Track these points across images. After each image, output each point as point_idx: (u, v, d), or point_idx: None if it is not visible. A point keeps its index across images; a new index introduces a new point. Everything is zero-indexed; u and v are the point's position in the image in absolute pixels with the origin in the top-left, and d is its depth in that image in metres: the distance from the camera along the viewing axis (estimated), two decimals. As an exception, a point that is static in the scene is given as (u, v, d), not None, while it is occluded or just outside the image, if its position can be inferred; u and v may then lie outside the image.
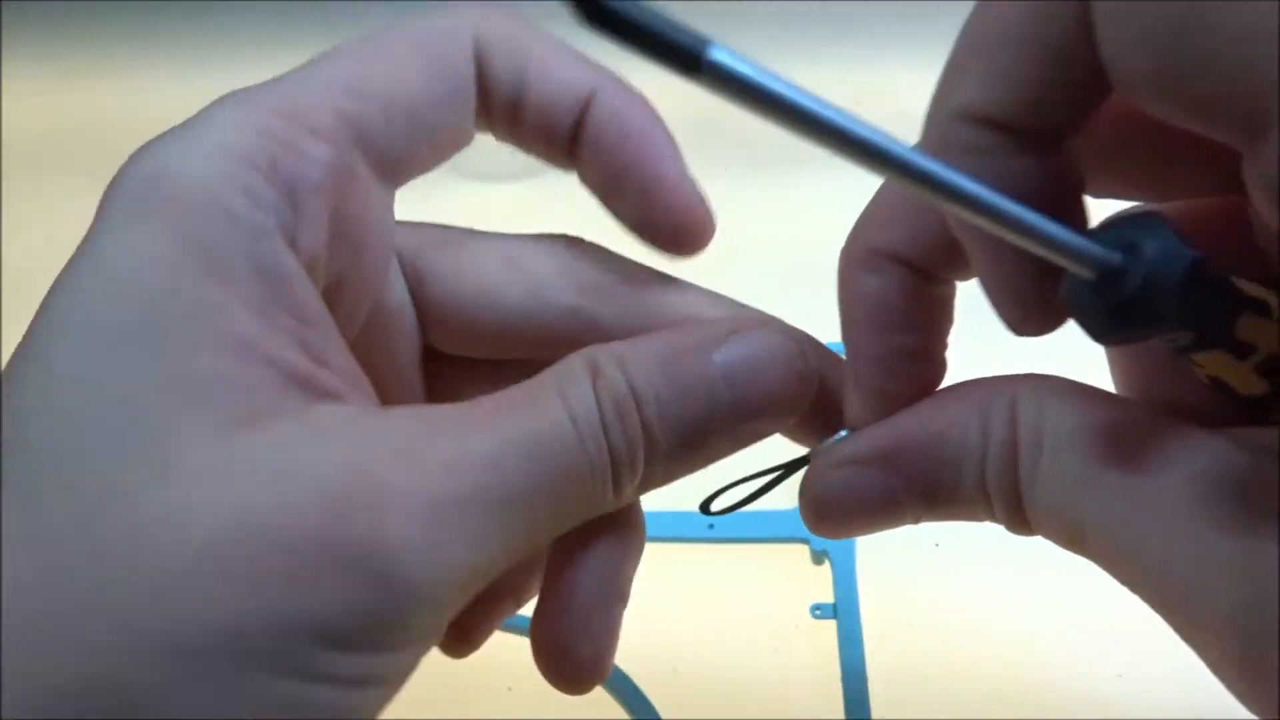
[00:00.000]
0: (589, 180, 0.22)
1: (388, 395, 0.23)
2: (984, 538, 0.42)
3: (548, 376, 0.20)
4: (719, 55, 0.13)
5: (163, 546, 0.15)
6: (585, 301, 0.23)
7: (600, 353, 0.20)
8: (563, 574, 0.22)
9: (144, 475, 0.16)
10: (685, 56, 0.13)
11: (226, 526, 0.16)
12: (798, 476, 0.23)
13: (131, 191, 0.18)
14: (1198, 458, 0.17)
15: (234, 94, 0.19)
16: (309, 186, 0.19)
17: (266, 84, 0.20)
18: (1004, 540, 0.41)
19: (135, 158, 0.18)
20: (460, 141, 0.22)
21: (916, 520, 0.21)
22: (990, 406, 0.19)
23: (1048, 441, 0.18)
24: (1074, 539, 0.19)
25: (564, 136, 0.22)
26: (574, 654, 0.22)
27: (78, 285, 0.17)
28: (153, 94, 0.63)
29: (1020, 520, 0.20)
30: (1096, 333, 0.17)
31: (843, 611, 0.39)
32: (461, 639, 0.25)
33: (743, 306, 0.24)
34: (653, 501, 0.42)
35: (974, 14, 0.18)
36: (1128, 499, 0.17)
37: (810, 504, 0.21)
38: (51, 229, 0.56)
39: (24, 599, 0.15)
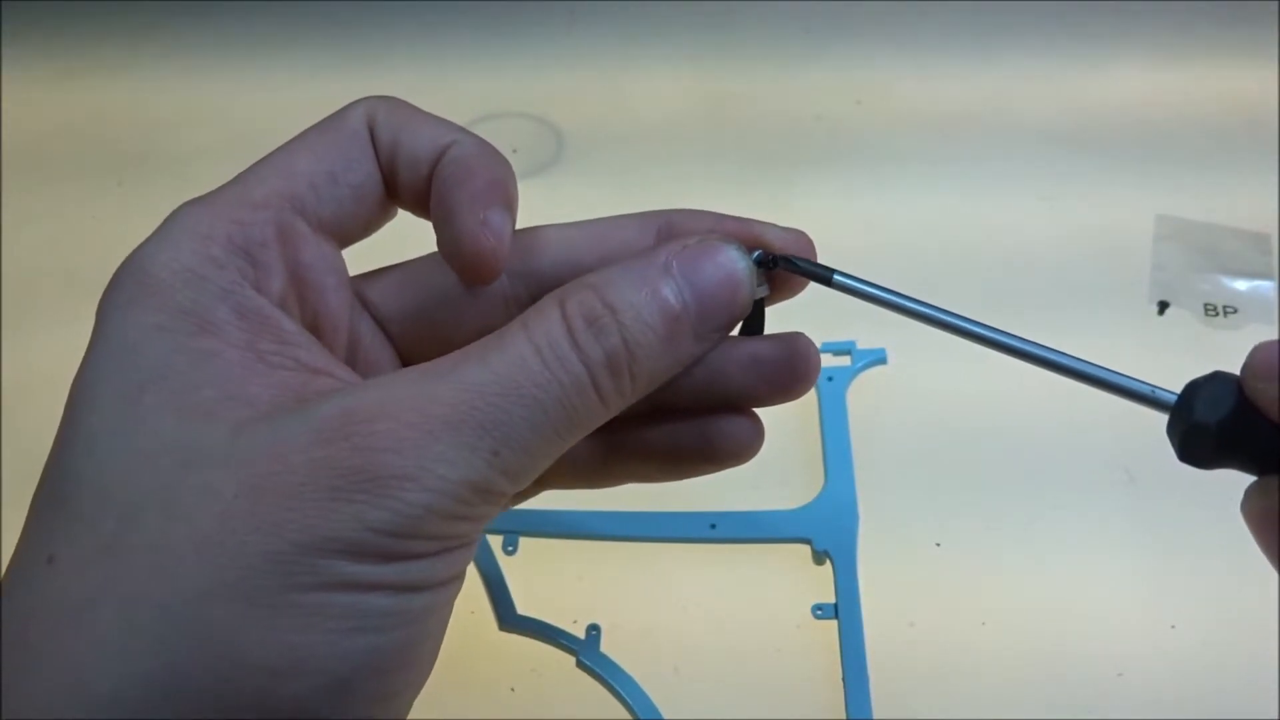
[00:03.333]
0: (431, 215, 0.25)
1: None
2: (984, 538, 0.43)
3: (518, 318, 0.22)
4: (839, 277, 0.25)
5: (193, 523, 0.19)
6: (517, 268, 0.26)
7: (569, 286, 0.23)
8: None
9: (170, 477, 0.20)
10: (823, 276, 0.25)
11: (241, 496, 0.19)
12: None
13: (122, 286, 0.22)
14: None
15: (188, 201, 0.23)
16: (259, 245, 0.23)
17: (215, 190, 0.24)
18: (1004, 540, 0.42)
19: (122, 263, 0.22)
20: (379, 200, 0.25)
21: None
22: None
23: None
24: None
25: (425, 184, 0.25)
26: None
27: (97, 362, 0.21)
28: (153, 94, 0.63)
29: None
30: (1180, 455, 0.22)
31: (844, 611, 0.39)
32: None
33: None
34: (653, 502, 0.42)
35: None
36: None
37: None
38: (51, 229, 0.57)
39: (95, 604, 0.19)
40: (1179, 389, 0.22)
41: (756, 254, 0.25)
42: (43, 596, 0.19)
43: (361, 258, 0.27)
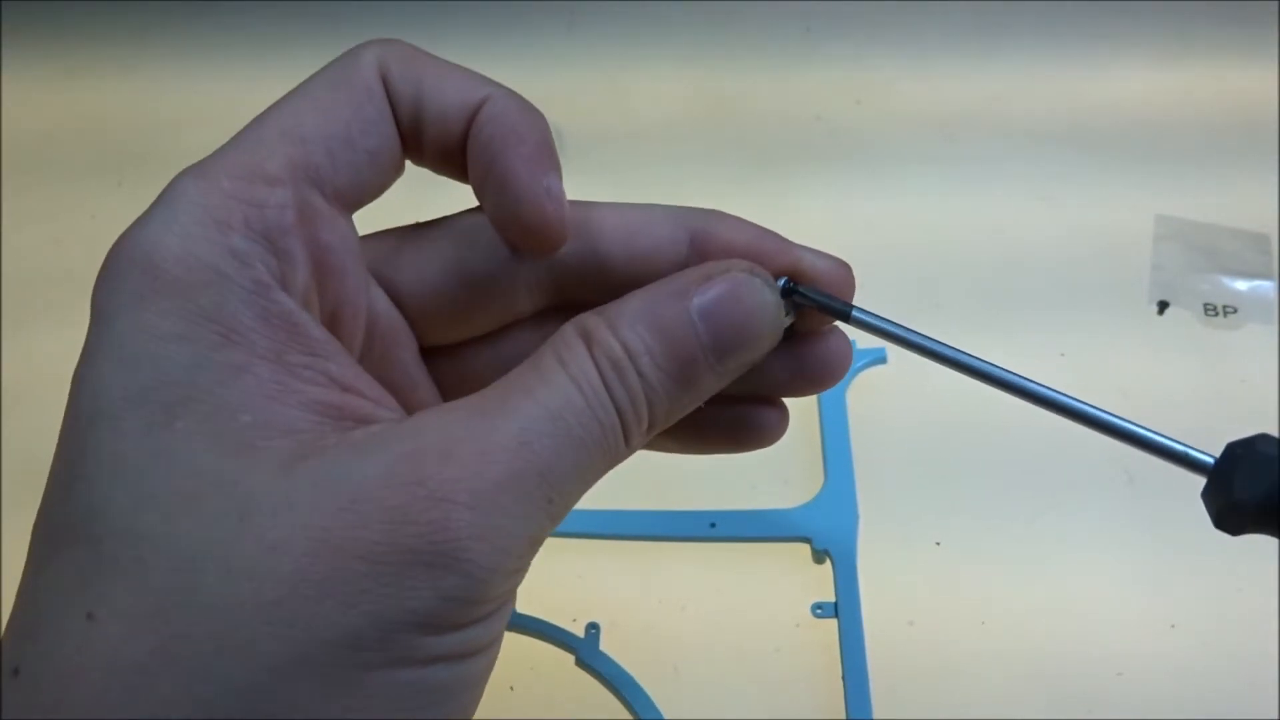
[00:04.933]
0: (471, 179, 0.23)
1: (406, 400, 0.24)
2: (984, 538, 0.43)
3: (547, 351, 0.21)
4: (857, 314, 0.23)
5: (259, 584, 0.18)
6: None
7: (589, 319, 0.22)
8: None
9: (226, 527, 0.18)
10: (842, 313, 0.24)
11: (311, 554, 0.18)
12: None
13: (128, 277, 0.19)
14: None
15: (190, 168, 0.21)
16: (282, 231, 0.21)
17: (217, 152, 0.21)
18: (1004, 540, 0.42)
19: (119, 245, 0.20)
20: (395, 164, 0.23)
21: None
22: None
23: None
24: None
25: (456, 142, 0.23)
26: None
27: (108, 372, 0.19)
28: (153, 94, 0.63)
29: None
30: (1216, 524, 0.21)
31: (844, 610, 0.39)
32: None
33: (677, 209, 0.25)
34: (653, 501, 0.42)
35: None
36: None
37: None
38: (51, 229, 0.57)
39: (151, 674, 0.17)
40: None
41: (783, 281, 0.24)
42: (85, 658, 0.18)
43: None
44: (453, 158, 0.23)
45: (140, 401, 0.19)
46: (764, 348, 0.23)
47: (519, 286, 0.25)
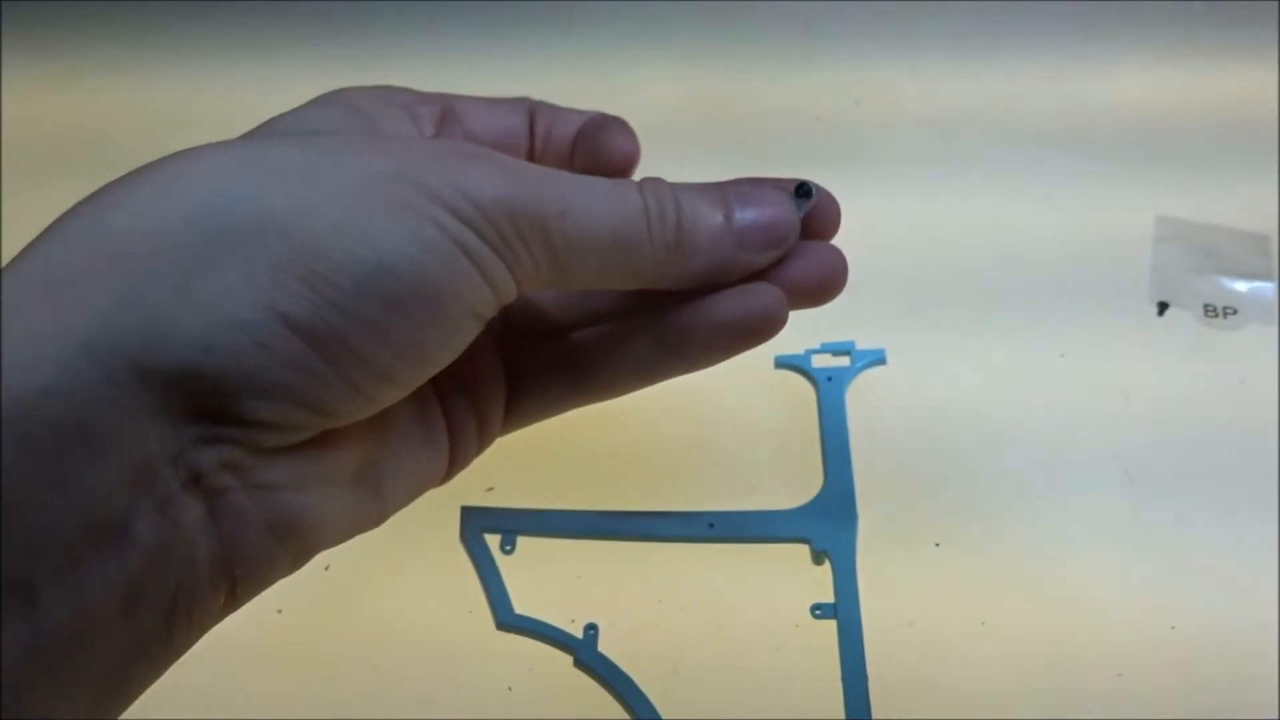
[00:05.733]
0: (576, 147, 0.32)
1: None
2: (984, 538, 0.43)
3: None
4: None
5: (342, 140, 0.25)
6: None
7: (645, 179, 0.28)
8: None
9: (326, 140, 0.25)
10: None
11: (386, 141, 0.26)
12: None
13: (324, 102, 0.29)
14: None
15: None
16: (425, 116, 0.30)
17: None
18: (1004, 540, 0.42)
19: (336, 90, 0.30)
20: (520, 147, 0.32)
21: None
22: None
23: None
24: None
25: (570, 140, 0.32)
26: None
27: (280, 121, 0.28)
28: (153, 94, 0.63)
29: None
30: None
31: (843, 611, 0.39)
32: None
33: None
34: (652, 501, 0.42)
35: None
36: None
37: None
38: (51, 229, 0.57)
39: (298, 191, 0.23)
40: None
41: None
42: (207, 151, 0.25)
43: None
44: (563, 156, 0.32)
45: (299, 127, 0.28)
46: (779, 234, 0.28)
47: None
